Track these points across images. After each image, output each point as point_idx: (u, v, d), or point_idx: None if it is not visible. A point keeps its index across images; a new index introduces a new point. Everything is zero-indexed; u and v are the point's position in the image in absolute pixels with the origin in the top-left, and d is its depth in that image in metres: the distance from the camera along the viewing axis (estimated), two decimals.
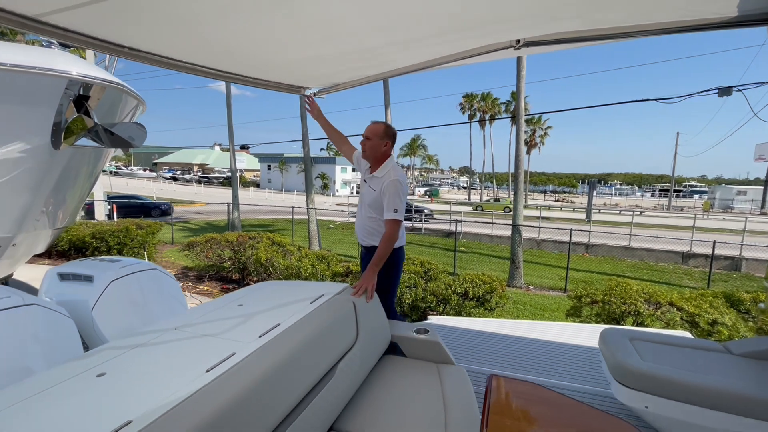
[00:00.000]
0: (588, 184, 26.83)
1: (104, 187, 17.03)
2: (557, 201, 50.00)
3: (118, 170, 63.59)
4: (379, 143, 2.44)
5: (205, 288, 9.18)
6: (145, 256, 10.78)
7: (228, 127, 15.88)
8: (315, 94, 2.76)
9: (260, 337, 1.44)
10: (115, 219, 15.82)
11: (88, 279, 2.31)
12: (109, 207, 16.16)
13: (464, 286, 6.43)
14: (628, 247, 13.51)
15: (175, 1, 1.42)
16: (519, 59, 9.01)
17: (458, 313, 6.45)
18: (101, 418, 0.98)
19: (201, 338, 1.45)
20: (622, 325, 5.29)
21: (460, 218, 17.19)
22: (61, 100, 2.70)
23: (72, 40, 1.55)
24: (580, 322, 5.68)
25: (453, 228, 14.02)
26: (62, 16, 1.40)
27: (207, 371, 1.20)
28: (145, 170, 69.19)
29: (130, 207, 19.62)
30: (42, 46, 2.94)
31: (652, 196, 68.99)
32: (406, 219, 17.38)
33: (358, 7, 1.49)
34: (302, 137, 13.31)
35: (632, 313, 5.40)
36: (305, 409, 1.32)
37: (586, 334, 3.52)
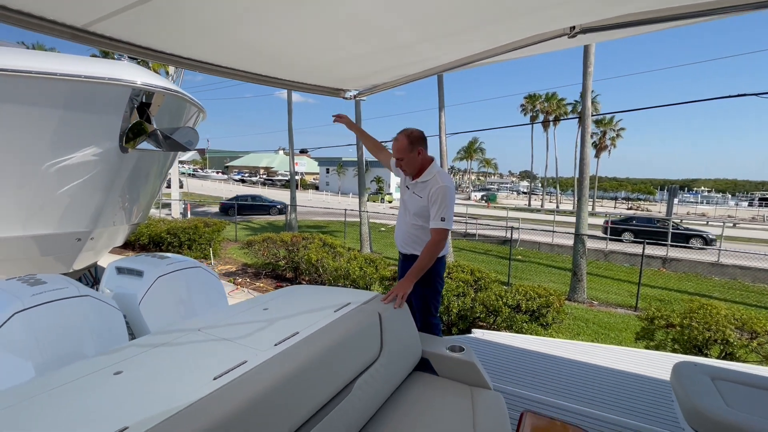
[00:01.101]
0: (667, 190, 24.07)
1: (179, 187, 18.75)
2: (630, 209, 45.64)
3: (194, 172, 70.13)
4: (413, 157, 2.32)
5: (261, 285, 9.64)
6: (211, 252, 11.63)
7: (288, 132, 16.66)
8: (355, 96, 2.71)
9: (275, 345, 1.39)
10: (189, 216, 17.34)
11: (139, 274, 2.47)
12: (184, 206, 17.72)
13: (517, 298, 6.02)
14: (717, 263, 11.84)
15: (212, 7, 1.43)
16: (586, 54, 8.31)
17: (509, 327, 6.06)
18: (101, 420, 0.97)
19: (219, 342, 1.43)
20: (708, 355, 4.58)
21: (517, 225, 16.32)
22: (126, 108, 2.96)
23: (119, 49, 1.63)
24: (654, 347, 5.03)
25: (508, 235, 13.34)
26: (106, 25, 1.48)
27: (214, 378, 1.17)
28: (218, 173, 75.47)
29: (253, 206, 22.31)
30: (114, 59, 3.26)
31: (750, 205, 60.10)
32: (684, 246, 14.07)
33: (385, 1, 1.39)
34: (356, 141, 13.54)
35: (719, 341, 4.65)
36: (315, 426, 1.24)
37: (655, 364, 3.05)
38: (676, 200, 30.38)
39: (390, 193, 45.39)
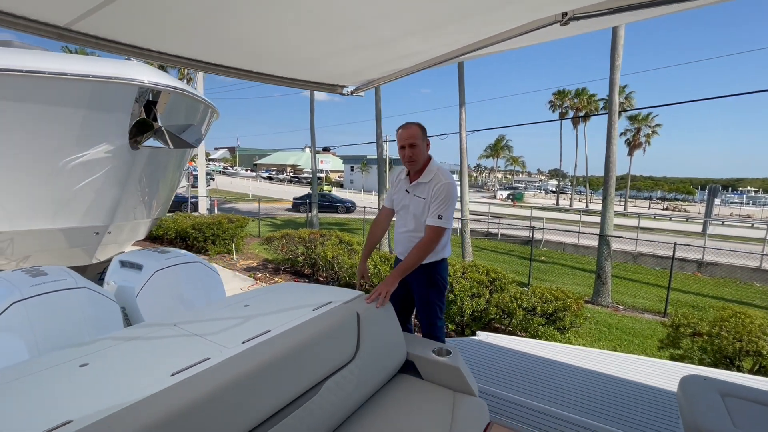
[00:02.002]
0: (707, 190, 22.63)
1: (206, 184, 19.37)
2: (666, 209, 43.31)
3: (224, 170, 72.54)
4: (423, 147, 2.22)
5: (280, 280, 9.80)
6: (233, 247, 11.95)
7: (310, 130, 16.86)
8: (352, 92, 2.67)
9: (243, 342, 1.38)
10: (215, 212, 17.89)
11: (139, 267, 2.55)
12: (210, 202, 18.29)
13: (532, 300, 5.82)
14: (759, 268, 11.02)
15: (199, 2, 1.42)
16: (614, 46, 7.90)
17: (524, 330, 5.88)
18: (50, 413, 0.98)
19: (189, 338, 1.44)
20: (740, 368, 4.26)
21: (541, 225, 15.83)
22: (134, 106, 3.06)
23: (105, 48, 1.66)
24: (680, 355, 4.72)
25: (530, 235, 12.95)
26: (89, 23, 1.50)
27: (172, 375, 1.16)
28: (247, 170, 77.65)
29: (322, 204, 23.50)
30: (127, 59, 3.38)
31: None
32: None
33: None
34: (376, 138, 13.52)
35: (752, 353, 4.31)
36: (275, 425, 1.21)
37: (666, 374, 2.85)
38: (717, 201, 28.52)
39: (329, 184, 48.26)
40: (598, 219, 10.61)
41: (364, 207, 15.61)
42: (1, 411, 1.00)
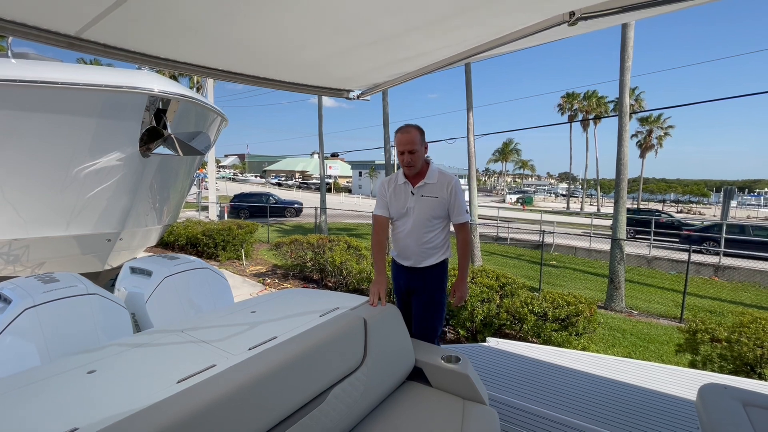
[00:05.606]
0: (723, 192, 22.12)
1: (219, 191, 19.63)
2: (680, 212, 42.45)
3: (235, 176, 73.49)
4: (422, 151, 2.23)
5: (289, 285, 9.82)
6: (243, 252, 12.03)
7: (318, 137, 16.98)
8: (359, 96, 2.67)
9: (249, 349, 1.37)
10: (226, 218, 18.05)
11: (148, 274, 2.57)
12: (220, 208, 18.50)
13: (544, 305, 5.72)
14: None
15: (202, 8, 1.42)
16: (623, 47, 7.81)
17: (537, 336, 5.77)
18: (56, 420, 0.98)
19: (196, 344, 1.43)
20: (761, 376, 4.11)
21: (552, 228, 15.63)
22: (144, 114, 3.11)
23: (114, 56, 1.69)
24: (698, 362, 4.58)
25: (541, 239, 12.76)
26: (97, 31, 1.52)
27: (178, 382, 1.16)
28: (256, 177, 78.52)
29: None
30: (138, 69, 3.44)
31: None
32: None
33: None
34: (384, 143, 13.55)
35: None
36: None
37: (685, 382, 2.76)
38: (734, 203, 27.87)
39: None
40: (609, 222, 10.46)
41: (372, 213, 15.57)
42: (9, 419, 1.00)
